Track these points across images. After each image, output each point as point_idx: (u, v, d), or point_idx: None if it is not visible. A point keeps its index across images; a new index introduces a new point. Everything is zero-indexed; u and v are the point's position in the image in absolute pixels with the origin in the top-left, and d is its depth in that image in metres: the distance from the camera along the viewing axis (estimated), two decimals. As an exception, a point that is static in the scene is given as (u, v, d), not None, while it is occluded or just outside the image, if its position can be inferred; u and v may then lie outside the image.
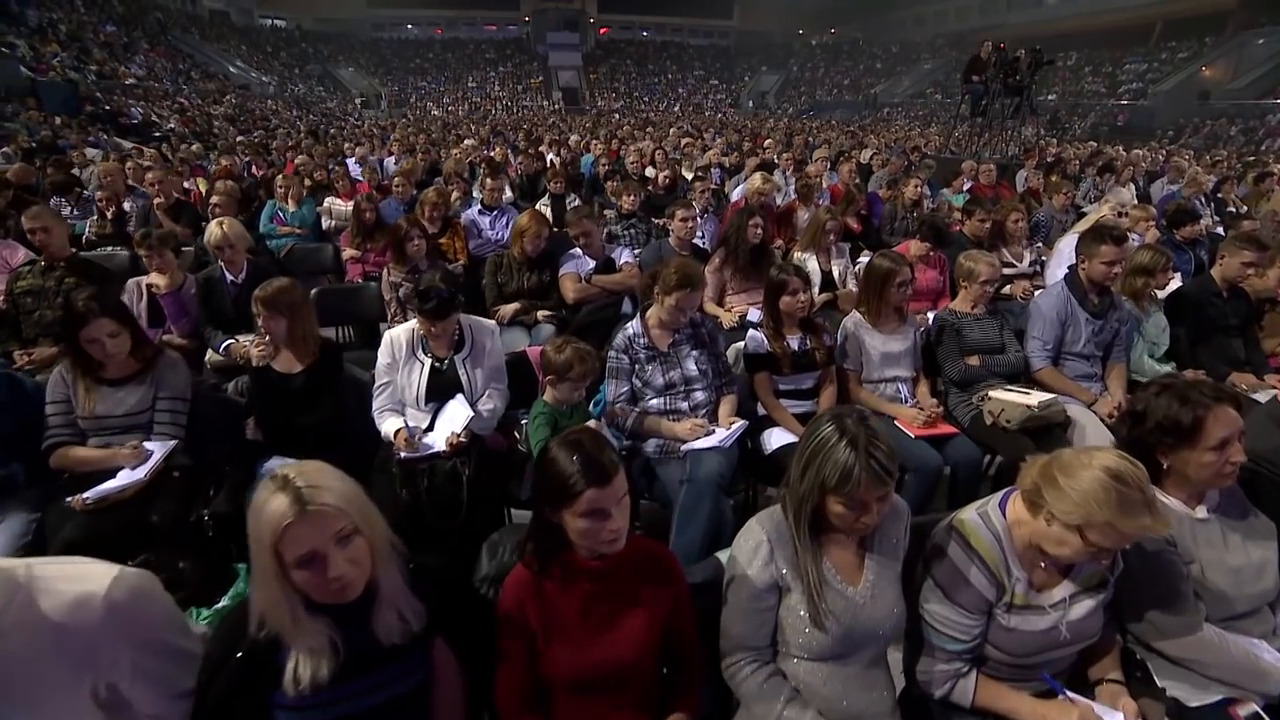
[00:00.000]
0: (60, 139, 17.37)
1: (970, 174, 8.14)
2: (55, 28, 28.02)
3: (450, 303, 2.58)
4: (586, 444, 1.37)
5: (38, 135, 17.24)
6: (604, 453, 1.37)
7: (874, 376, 2.99)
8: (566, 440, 1.40)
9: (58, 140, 16.92)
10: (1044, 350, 3.11)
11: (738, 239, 4.05)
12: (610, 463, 1.36)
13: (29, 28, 26.41)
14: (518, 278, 4.03)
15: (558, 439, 1.42)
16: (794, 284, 2.76)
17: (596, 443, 1.39)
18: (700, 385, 2.72)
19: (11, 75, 20.76)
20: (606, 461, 1.35)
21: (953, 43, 41.90)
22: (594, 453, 1.36)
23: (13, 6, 26.56)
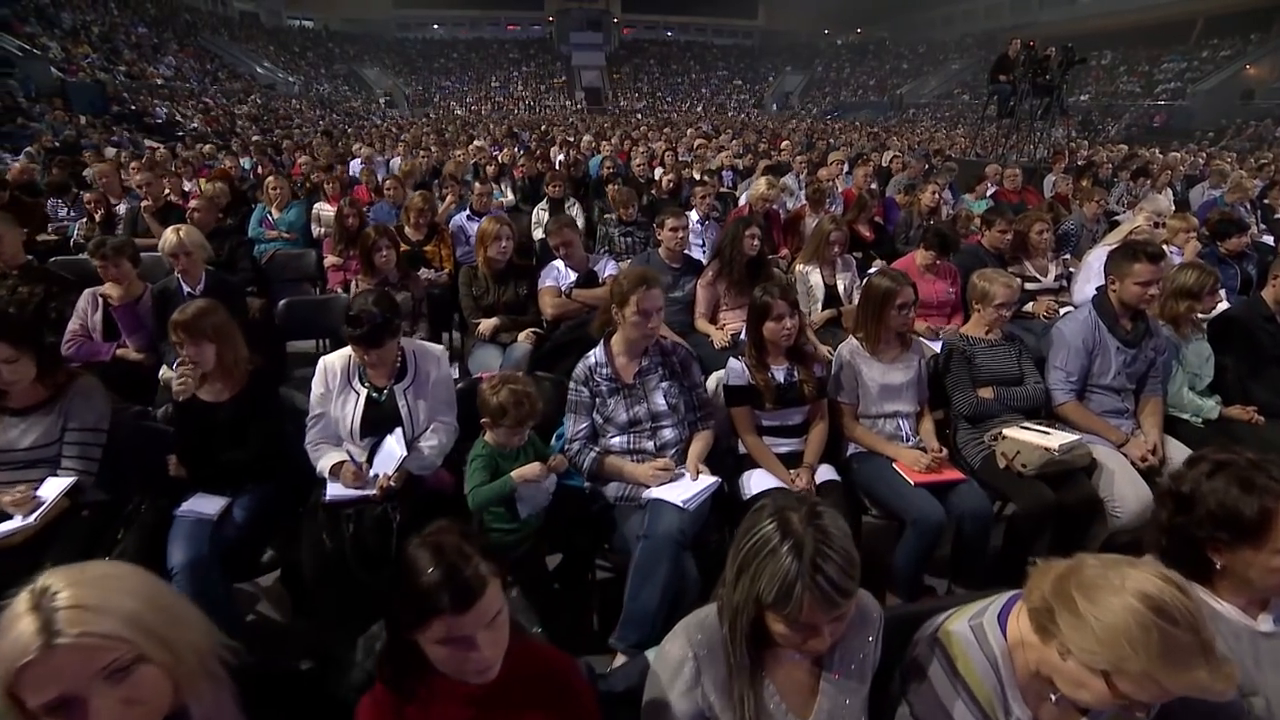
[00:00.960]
0: (84, 138, 17.59)
1: (994, 178, 7.70)
2: (88, 29, 28.54)
3: (384, 329, 2.30)
4: (449, 551, 1.08)
5: (62, 135, 17.46)
6: (470, 564, 1.08)
7: (871, 411, 2.65)
8: (427, 542, 1.11)
9: (81, 140, 17.13)
10: (1067, 382, 2.75)
11: (733, 250, 3.74)
12: (475, 579, 1.07)
13: (62, 30, 26.91)
14: (493, 290, 3.76)
15: (418, 539, 1.13)
16: (779, 308, 2.43)
17: (462, 550, 1.10)
18: (669, 422, 2.42)
19: (42, 76, 21.09)
20: (471, 577, 1.06)
21: (982, 42, 40.90)
22: (457, 564, 1.06)
23: (48, 10, 27.11)
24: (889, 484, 2.45)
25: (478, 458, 2.22)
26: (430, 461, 2.39)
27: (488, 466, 2.21)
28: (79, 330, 3.51)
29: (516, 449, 2.27)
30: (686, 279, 3.84)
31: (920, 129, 25.09)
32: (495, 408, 2.16)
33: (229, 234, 5.07)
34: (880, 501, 2.51)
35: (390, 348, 2.36)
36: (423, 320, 3.81)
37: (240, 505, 2.36)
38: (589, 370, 2.44)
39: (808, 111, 42.66)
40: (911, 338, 2.71)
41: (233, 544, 2.28)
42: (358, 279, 3.75)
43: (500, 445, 2.24)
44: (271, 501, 2.42)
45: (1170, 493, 1.34)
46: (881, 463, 2.55)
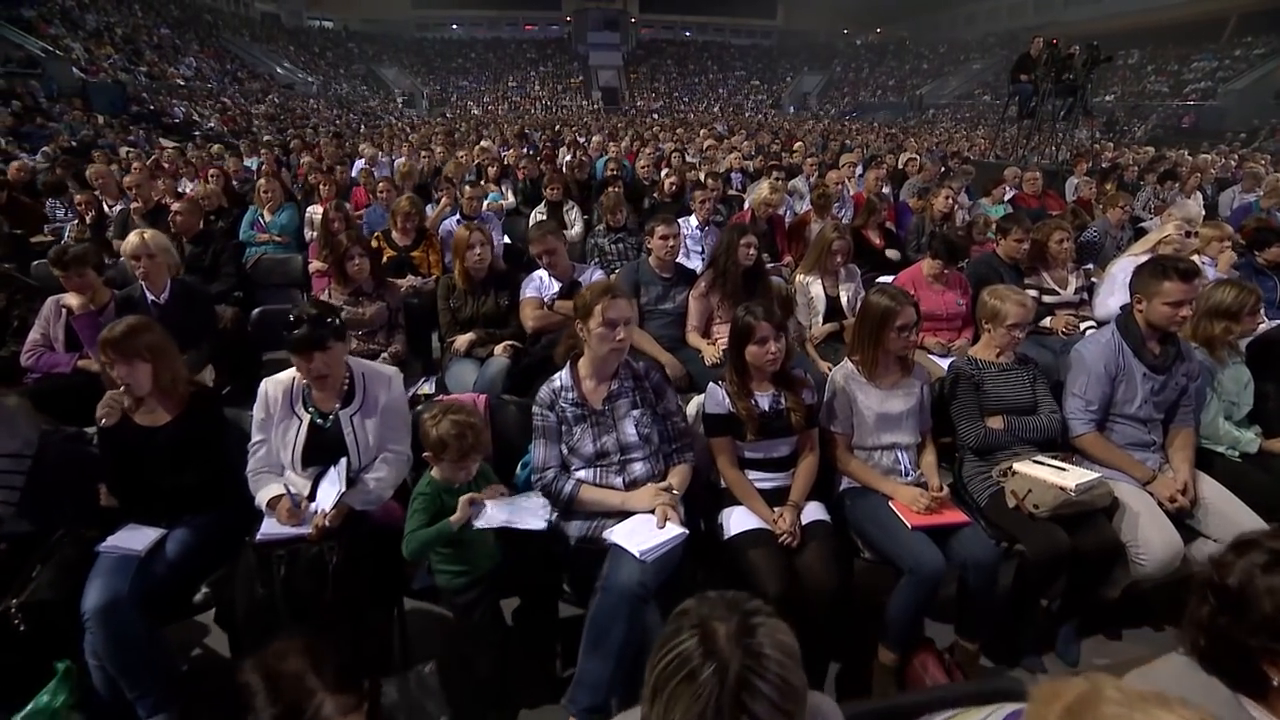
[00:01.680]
0: (100, 138, 17.74)
1: (1013, 182, 7.37)
2: (111, 31, 28.90)
3: (326, 332, 2.09)
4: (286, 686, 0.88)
5: (79, 135, 17.61)
6: (311, 703, 0.88)
7: (867, 442, 2.41)
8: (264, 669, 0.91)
9: (98, 140, 17.26)
10: (1087, 412, 2.49)
11: (727, 260, 3.50)
12: None
13: (86, 31, 27.25)
14: (472, 301, 3.55)
15: (254, 661, 0.94)
16: (762, 330, 2.20)
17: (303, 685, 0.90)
18: (640, 454, 2.19)
19: (64, 76, 21.31)
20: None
21: (1004, 41, 40.10)
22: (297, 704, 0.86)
23: (73, 12, 27.49)
24: (883, 526, 2.21)
25: (420, 496, 2.01)
26: (377, 495, 2.18)
27: (430, 506, 2.00)
28: (40, 340, 3.36)
29: (465, 484, 2.05)
30: (678, 290, 3.61)
31: (939, 130, 24.61)
32: (435, 441, 1.96)
33: (213, 238, 4.92)
34: (873, 545, 2.27)
35: (335, 357, 2.14)
36: (399, 332, 3.62)
37: (176, 538, 2.18)
38: (554, 394, 2.23)
39: (825, 112, 42.19)
40: (913, 362, 2.46)
41: (161, 582, 2.09)
42: (332, 289, 3.57)
43: (446, 480, 2.03)
44: (212, 534, 2.24)
45: (1212, 585, 1.09)
46: (876, 500, 2.30)
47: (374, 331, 3.58)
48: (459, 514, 1.95)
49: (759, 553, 2.09)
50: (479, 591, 2.07)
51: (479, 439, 2.01)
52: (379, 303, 3.56)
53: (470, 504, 1.97)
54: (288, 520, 2.04)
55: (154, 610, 2.06)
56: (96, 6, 29.58)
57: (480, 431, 2.02)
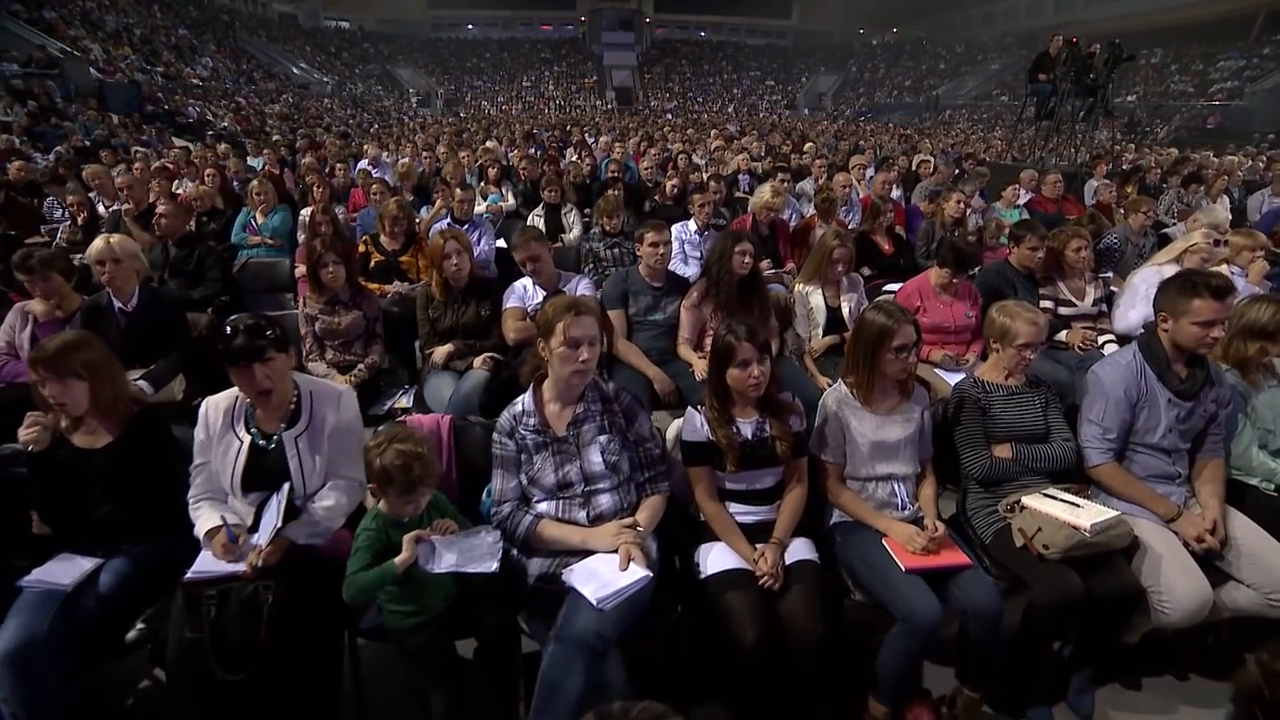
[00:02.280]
0: (114, 138, 17.86)
1: (1030, 185, 7.11)
2: (130, 32, 29.19)
3: (265, 342, 1.92)
4: None
5: (93, 134, 17.74)
6: None
7: (861, 473, 2.20)
8: None
9: (111, 139, 17.37)
10: (1104, 440, 2.27)
11: (720, 268, 3.31)
12: None
13: (105, 33, 27.54)
14: (451, 311, 3.39)
15: None
16: (744, 352, 2.00)
17: None
18: (606, 484, 2.01)
19: (81, 77, 21.51)
20: None
21: (1023, 41, 39.46)
22: None
23: (93, 13, 27.80)
24: (874, 567, 2.01)
25: (364, 532, 1.84)
26: (324, 527, 2.02)
27: (375, 544, 1.82)
28: (4, 348, 3.23)
29: (415, 518, 1.88)
30: (670, 300, 3.42)
31: (956, 131, 24.21)
32: (379, 472, 1.78)
33: (199, 241, 4.79)
34: (864, 586, 2.07)
35: (278, 370, 1.97)
36: (377, 342, 3.46)
37: (112, 569, 2.03)
38: (514, 419, 2.05)
39: (840, 113, 41.79)
40: (913, 385, 2.25)
41: (92, 618, 1.94)
42: (306, 297, 3.41)
43: (393, 515, 1.86)
44: (153, 564, 2.08)
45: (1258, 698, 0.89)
46: (868, 537, 2.10)
47: (350, 341, 3.42)
48: (403, 555, 1.78)
49: (737, 595, 1.90)
50: (431, 632, 1.90)
51: (428, 470, 1.83)
52: (355, 312, 3.41)
53: (416, 543, 1.80)
54: (223, 555, 1.88)
55: (82, 650, 1.91)
56: (117, 8, 29.90)
57: (430, 462, 1.84)
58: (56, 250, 3.41)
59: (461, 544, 1.84)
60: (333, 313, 3.38)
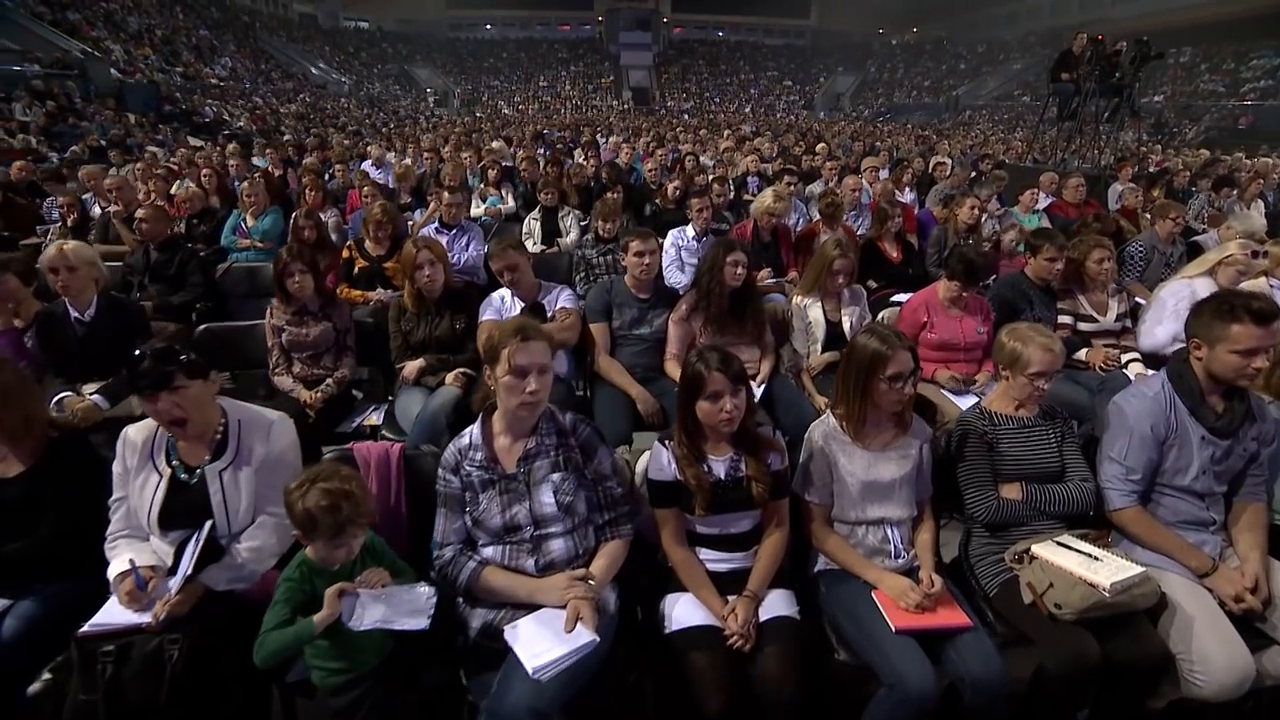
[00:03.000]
0: (130, 137, 17.99)
1: (1050, 188, 6.80)
2: (152, 33, 29.52)
3: (173, 368, 1.73)
4: None
5: (109, 134, 17.87)
6: None
7: (850, 516, 1.97)
8: None
9: (126, 139, 17.49)
10: (1128, 481, 2.01)
11: (711, 279, 3.08)
12: None
13: (128, 34, 27.87)
14: (424, 323, 3.19)
15: None
16: (714, 383, 1.78)
17: None
18: (558, 528, 1.79)
19: (102, 77, 21.72)
20: None
21: (1046, 40, 38.63)
22: None
23: (116, 14, 28.14)
24: (861, 625, 1.78)
25: (286, 582, 1.64)
26: (249, 571, 1.82)
27: (296, 595, 1.62)
28: (-43, 358, 3.09)
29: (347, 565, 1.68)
30: (658, 312, 3.20)
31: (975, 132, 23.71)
32: (302, 516, 1.58)
33: (180, 245, 4.65)
34: (849, 645, 1.83)
35: (192, 399, 1.77)
36: (348, 355, 3.28)
37: (17, 614, 1.84)
38: (459, 454, 1.84)
39: (858, 113, 41.28)
40: (910, 418, 2.01)
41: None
42: (274, 307, 3.23)
43: (321, 562, 1.66)
44: (66, 608, 1.89)
45: None
46: (856, 589, 1.87)
47: (319, 354, 3.24)
48: (324, 612, 1.58)
49: (703, 657, 1.69)
50: (362, 690, 1.70)
51: (359, 509, 1.63)
52: (325, 323, 3.23)
53: (340, 597, 1.59)
54: (128, 604, 1.69)
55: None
56: (140, 9, 30.24)
57: (361, 500, 1.64)
58: (16, 255, 3.26)
59: (392, 598, 1.64)
60: (301, 324, 3.20)
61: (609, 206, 4.33)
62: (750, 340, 3.18)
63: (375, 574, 1.68)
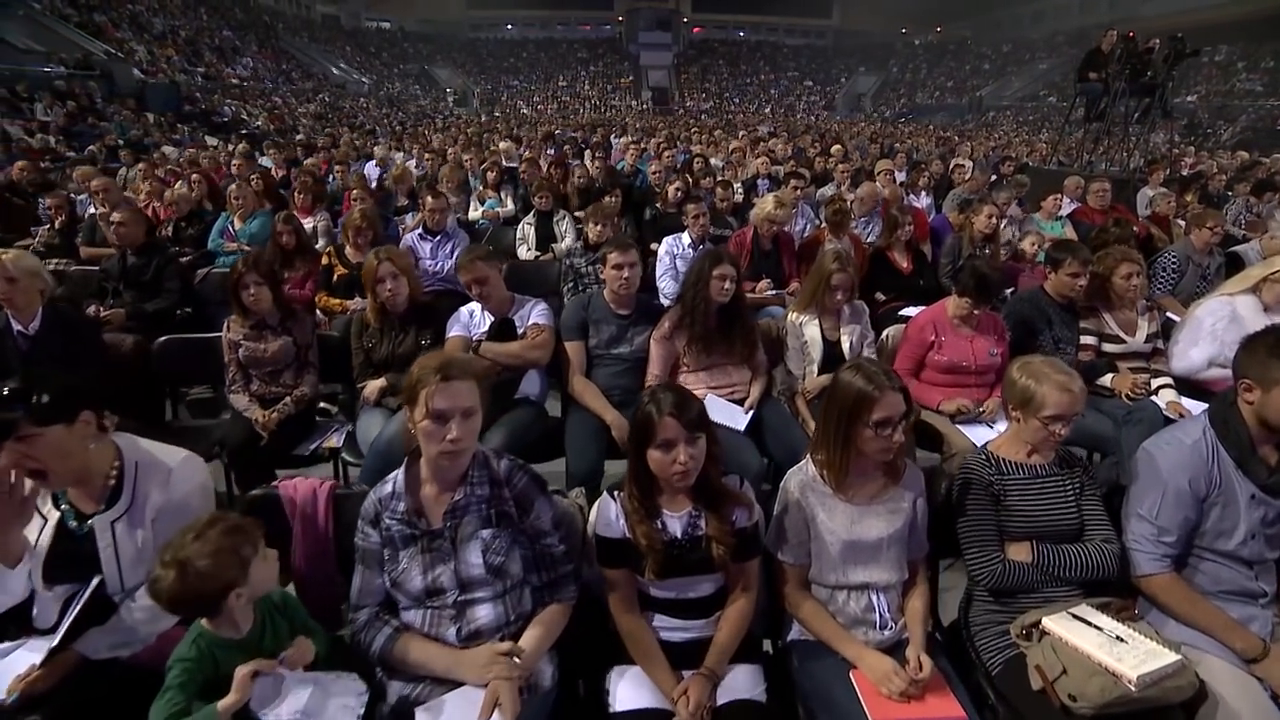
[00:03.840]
0: (148, 137, 18.12)
1: (1075, 193, 6.43)
2: (176, 34, 29.86)
3: (17, 415, 1.48)
4: None
5: (128, 134, 18.00)
6: None
7: (829, 579, 1.70)
8: None
9: (144, 139, 17.62)
10: (1159, 544, 1.72)
11: (697, 295, 2.83)
12: None
13: (152, 35, 28.20)
14: (387, 340, 2.97)
15: None
16: (666, 429, 1.52)
17: None
18: (486, 592, 1.55)
19: (125, 77, 21.95)
20: None
21: (1074, 39, 37.68)
22: None
23: (142, 15, 28.50)
24: (834, 709, 1.52)
25: (180, 663, 1.39)
26: (142, 634, 1.59)
27: (194, 674, 1.38)
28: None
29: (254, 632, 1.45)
30: (639, 330, 2.94)
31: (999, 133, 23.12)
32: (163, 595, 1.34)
33: (158, 249, 4.49)
34: (826, 736, 1.57)
35: (48, 446, 1.52)
36: (310, 371, 3.07)
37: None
38: (379, 504, 1.61)
39: (879, 114, 40.67)
40: (903, 465, 1.74)
41: None
42: (231, 321, 3.03)
43: (220, 633, 1.43)
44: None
45: None
46: (833, 667, 1.60)
47: (279, 371, 3.04)
48: (230, 698, 1.34)
49: (650, 750, 1.43)
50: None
51: (245, 568, 1.39)
52: (284, 337, 3.02)
53: (253, 678, 1.36)
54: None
55: None
56: (166, 10, 30.60)
57: (249, 558, 1.41)
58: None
59: (317, 685, 1.41)
60: (259, 338, 3.00)
61: (600, 211, 4.08)
62: (739, 360, 2.92)
63: (301, 648, 1.45)
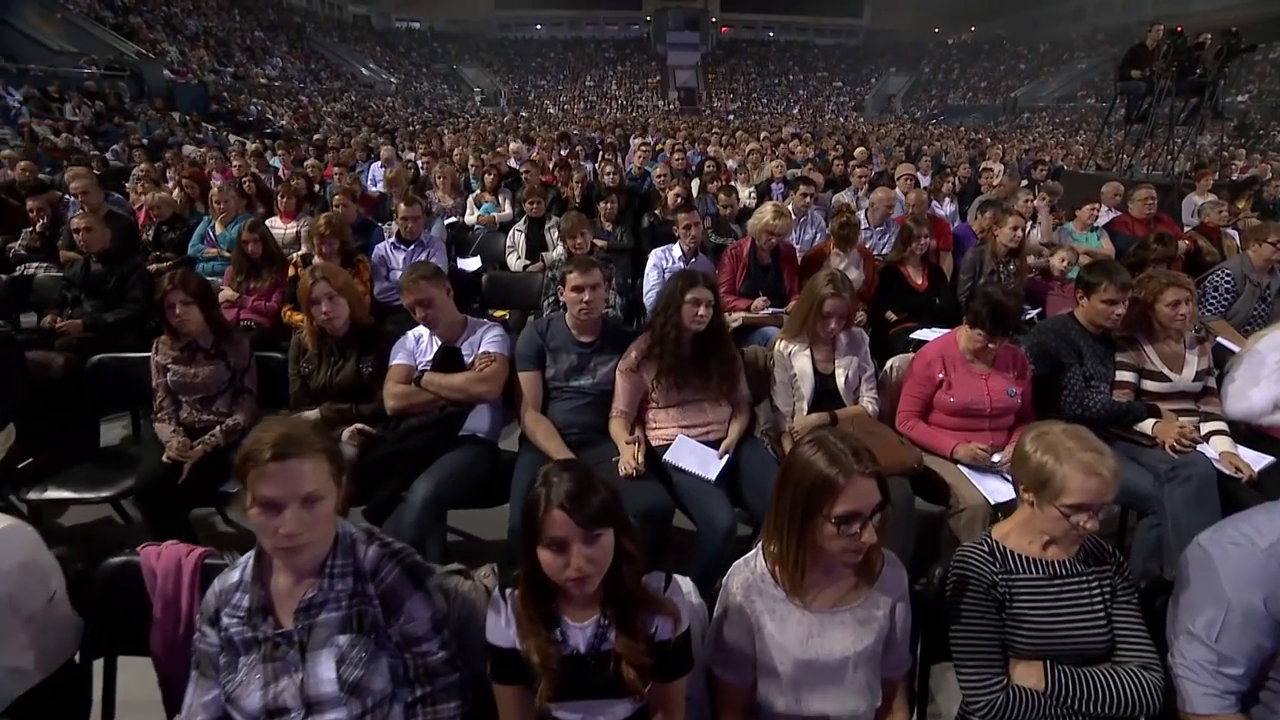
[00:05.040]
0: (172, 136, 18.30)
1: (1114, 200, 5.92)
2: (210, 35, 30.33)
3: None
4: None
5: (153, 133, 18.20)
6: None
7: (778, 706, 1.33)
8: None
9: (169, 138, 17.78)
10: (1219, 676, 1.32)
11: (667, 322, 2.48)
12: None
13: (185, 36, 28.66)
14: (325, 366, 2.67)
15: None
16: (556, 526, 1.17)
17: None
18: (341, 714, 1.22)
19: (155, 77, 22.27)
20: None
21: (1115, 37, 36.28)
22: None
23: (176, 17, 29.00)
24: None
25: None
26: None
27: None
28: None
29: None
30: (603, 359, 2.59)
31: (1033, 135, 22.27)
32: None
33: (123, 257, 4.27)
34: None
35: None
36: (245, 398, 2.78)
37: None
38: (219, 597, 1.30)
39: (910, 115, 39.76)
40: (880, 561, 1.37)
41: None
42: (160, 342, 2.76)
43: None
44: None
45: None
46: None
47: (211, 398, 2.75)
48: None
49: None
50: None
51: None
52: (217, 361, 2.74)
53: None
54: None
55: None
56: (200, 12, 31.10)
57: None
58: None
59: None
60: (189, 361, 2.72)
61: (576, 222, 3.73)
62: (717, 396, 2.56)
63: None
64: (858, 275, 3.99)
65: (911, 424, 2.62)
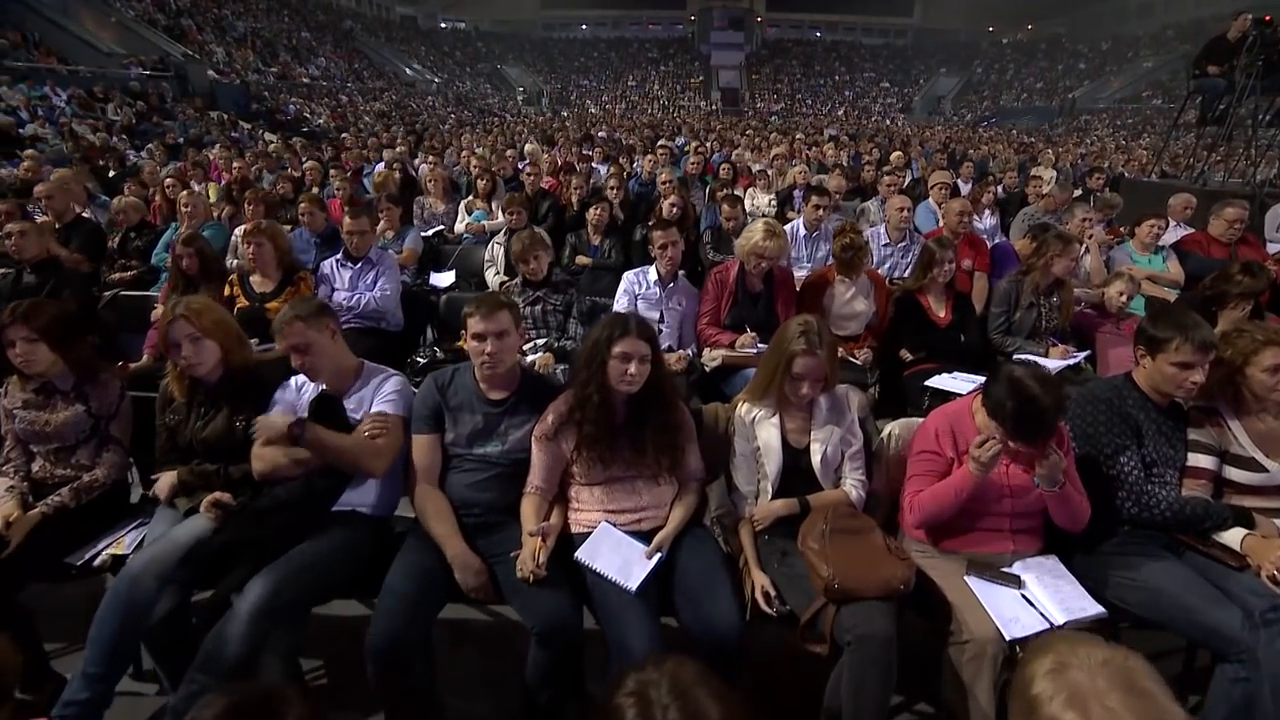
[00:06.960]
0: (207, 135, 18.52)
1: (1183, 214, 5.10)
2: (258, 35, 30.93)
3: None
4: None
5: (189, 132, 18.43)
6: None
7: None
8: None
9: (204, 137, 17.98)
10: None
11: (589, 383, 1.95)
12: None
13: (234, 38, 29.27)
14: (194, 417, 2.21)
15: None
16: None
17: None
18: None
19: (199, 78, 22.70)
20: None
21: (1186, 34, 34.12)
22: None
23: (225, 19, 29.65)
24: None
25: None
26: None
27: None
28: None
29: None
30: (517, 422, 2.07)
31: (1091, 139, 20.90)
32: None
33: (55, 269, 3.95)
34: None
35: None
36: (111, 449, 2.35)
37: None
38: None
39: (960, 117, 38.20)
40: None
41: None
42: (8, 384, 2.35)
43: None
44: None
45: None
46: None
47: (70, 448, 2.33)
48: None
49: None
50: None
51: None
52: (76, 406, 2.31)
53: None
54: None
55: None
56: (249, 14, 31.74)
57: None
58: None
59: None
60: (43, 406, 2.30)
61: (526, 241, 3.20)
62: (653, 473, 2.01)
63: None
64: (867, 306, 3.39)
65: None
